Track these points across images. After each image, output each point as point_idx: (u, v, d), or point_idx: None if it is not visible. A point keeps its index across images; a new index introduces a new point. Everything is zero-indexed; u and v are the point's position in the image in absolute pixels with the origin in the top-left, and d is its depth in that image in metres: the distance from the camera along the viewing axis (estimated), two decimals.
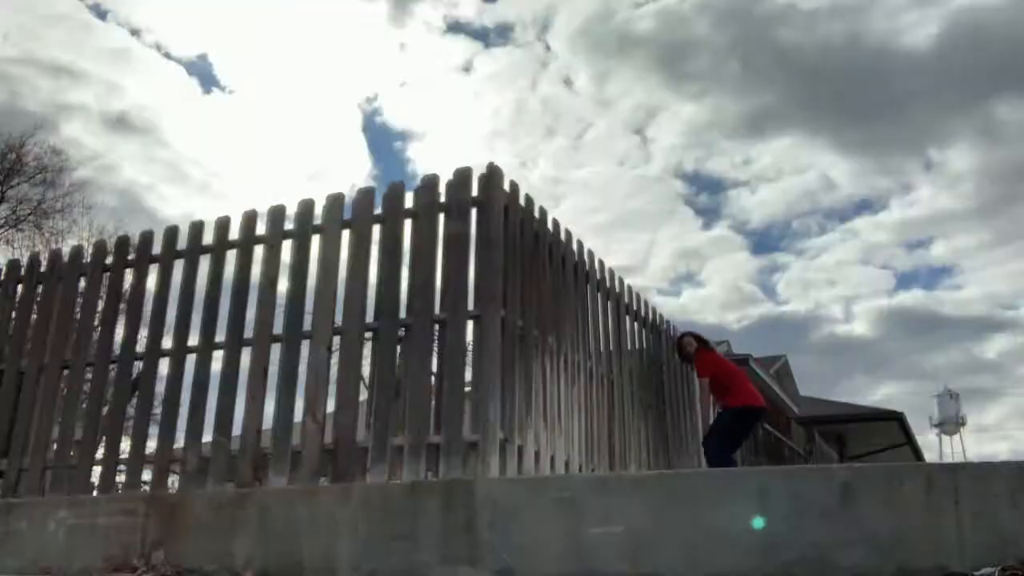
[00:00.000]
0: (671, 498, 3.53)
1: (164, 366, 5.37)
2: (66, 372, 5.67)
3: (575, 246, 5.81)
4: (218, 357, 5.14)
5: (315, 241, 5.11)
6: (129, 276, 5.78)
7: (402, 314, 4.73)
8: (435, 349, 4.65)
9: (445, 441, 4.28)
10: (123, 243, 5.92)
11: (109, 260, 5.89)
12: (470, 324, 4.52)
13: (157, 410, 5.73)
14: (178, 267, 5.53)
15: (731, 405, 7.03)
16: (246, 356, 5.03)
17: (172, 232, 5.62)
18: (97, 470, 5.36)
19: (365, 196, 5.09)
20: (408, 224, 4.90)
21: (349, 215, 5.08)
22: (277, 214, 5.27)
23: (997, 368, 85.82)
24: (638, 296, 7.00)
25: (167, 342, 5.39)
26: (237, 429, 4.92)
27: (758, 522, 3.30)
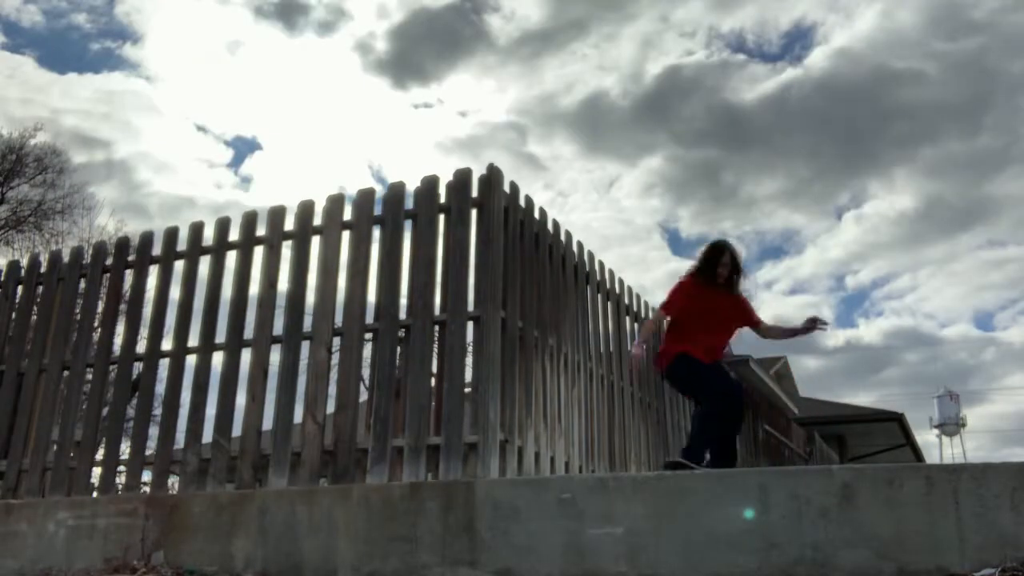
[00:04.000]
0: (671, 498, 3.53)
1: (164, 367, 5.38)
2: (66, 373, 5.66)
3: (575, 247, 5.81)
4: (218, 358, 5.14)
5: (315, 242, 5.11)
6: (129, 277, 5.78)
7: (402, 315, 4.73)
8: (435, 350, 4.65)
9: (445, 442, 4.28)
10: (123, 244, 5.92)
11: (109, 261, 5.89)
12: (470, 325, 4.53)
13: (157, 411, 5.74)
14: (178, 268, 5.53)
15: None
16: (246, 357, 5.03)
17: (172, 232, 5.61)
18: (97, 471, 5.36)
19: (365, 197, 5.09)
20: (408, 225, 4.91)
21: (349, 216, 5.08)
22: (277, 214, 5.27)
23: (994, 368, 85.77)
24: (638, 296, 6.99)
25: (167, 343, 5.39)
26: (237, 430, 4.92)
27: (749, 513, 3.31)
